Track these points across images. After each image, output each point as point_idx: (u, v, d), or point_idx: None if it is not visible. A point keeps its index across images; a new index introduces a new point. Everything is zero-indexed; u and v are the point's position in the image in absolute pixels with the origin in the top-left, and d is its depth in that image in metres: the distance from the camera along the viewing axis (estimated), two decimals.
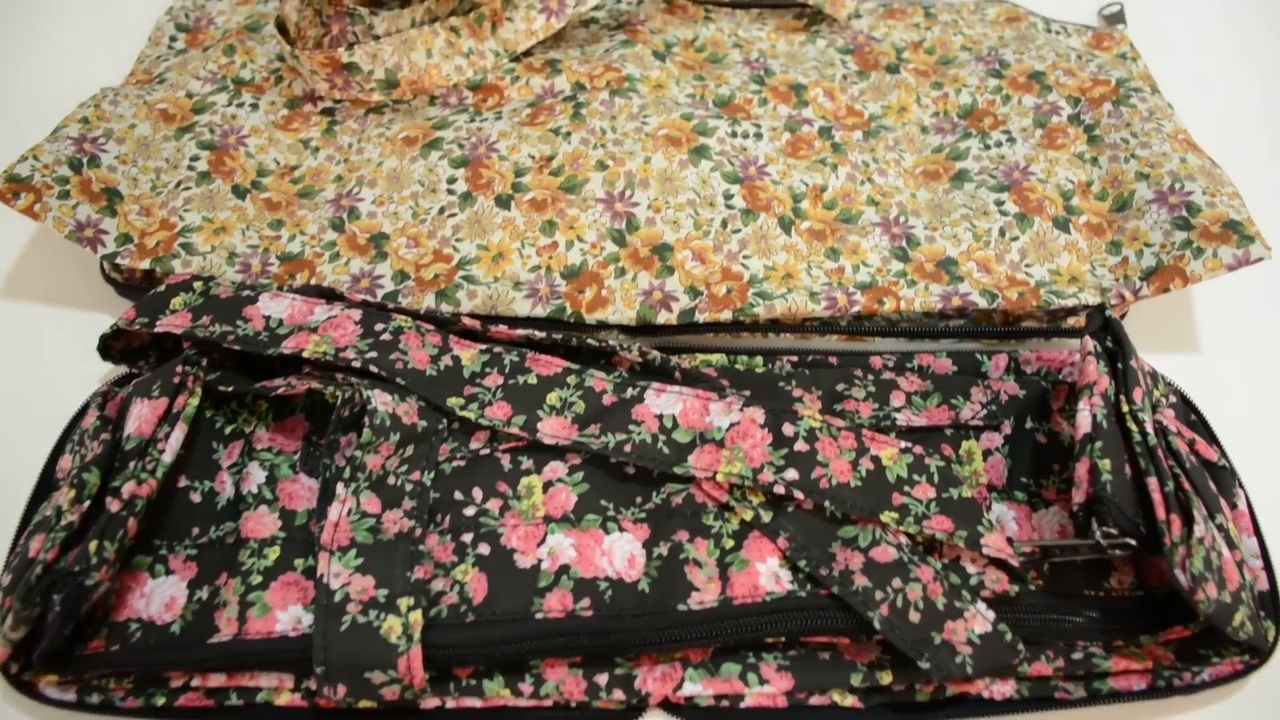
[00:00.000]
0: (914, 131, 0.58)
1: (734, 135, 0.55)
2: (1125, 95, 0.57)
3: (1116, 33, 0.65)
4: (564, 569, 0.42)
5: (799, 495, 0.42)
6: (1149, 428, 0.43)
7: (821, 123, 0.58)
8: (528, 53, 0.60)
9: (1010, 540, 0.43)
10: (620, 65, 0.58)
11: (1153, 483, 0.41)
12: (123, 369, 0.50)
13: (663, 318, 0.49)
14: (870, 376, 0.48)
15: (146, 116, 0.57)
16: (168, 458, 0.43)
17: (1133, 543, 0.41)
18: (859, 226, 0.53)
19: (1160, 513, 0.40)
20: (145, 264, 0.51)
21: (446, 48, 0.58)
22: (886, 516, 0.42)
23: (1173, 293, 0.51)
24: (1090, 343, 0.45)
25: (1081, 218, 0.54)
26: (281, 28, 0.58)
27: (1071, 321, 0.52)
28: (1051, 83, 0.59)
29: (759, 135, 0.56)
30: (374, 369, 0.45)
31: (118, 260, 0.52)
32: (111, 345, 0.49)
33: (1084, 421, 0.43)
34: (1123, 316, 0.53)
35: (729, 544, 0.42)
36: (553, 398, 0.45)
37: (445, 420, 0.46)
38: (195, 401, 0.45)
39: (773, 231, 0.52)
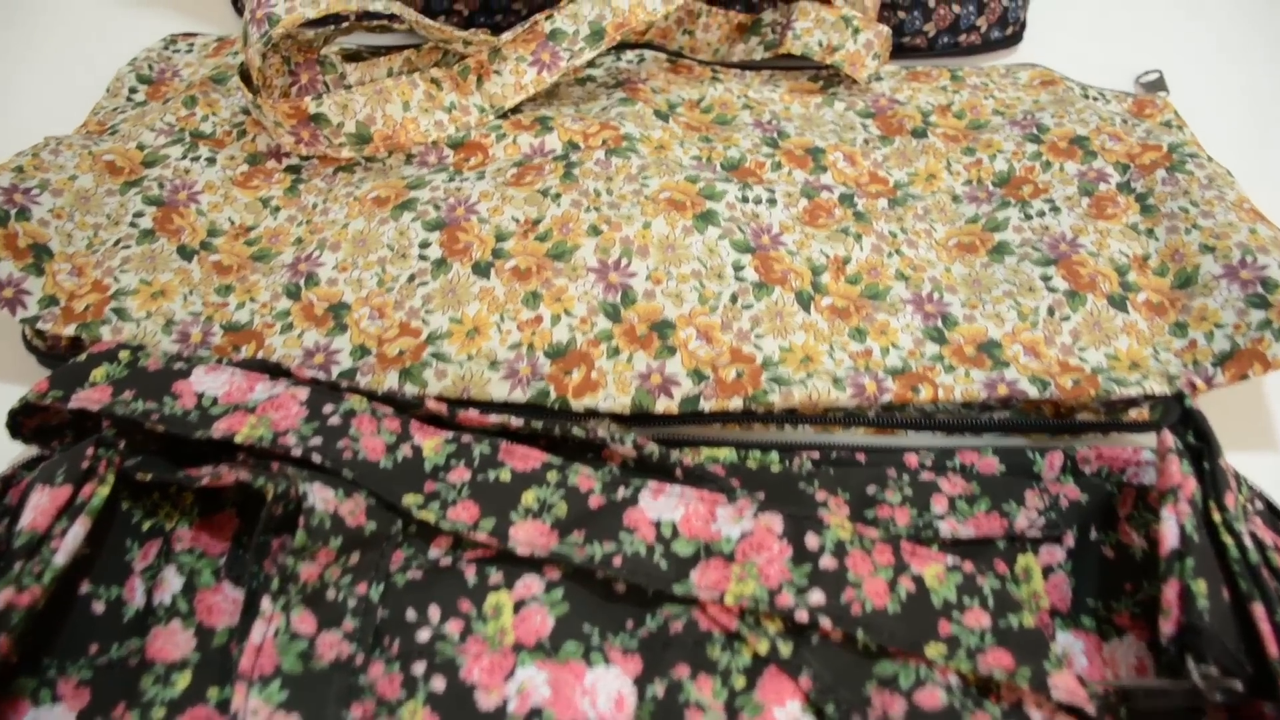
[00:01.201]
0: (945, 200, 0.50)
1: (745, 200, 0.48)
2: (1180, 161, 0.50)
3: (1159, 99, 0.57)
4: (535, 712, 0.33)
5: (825, 623, 0.33)
6: (1247, 541, 0.34)
7: (842, 189, 0.50)
8: (516, 109, 0.53)
9: (1082, 680, 0.34)
10: (618, 123, 0.51)
11: (1259, 610, 0.32)
12: (36, 450, 0.41)
13: (662, 405, 0.41)
14: (906, 477, 0.40)
15: (90, 168, 0.49)
16: (60, 559, 0.34)
17: (1239, 686, 0.32)
18: (888, 303, 0.45)
19: (1272, 648, 0.31)
20: (71, 330, 0.43)
21: (426, 100, 0.51)
22: (932, 650, 0.33)
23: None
24: (1171, 438, 0.37)
25: (1140, 295, 0.45)
26: (245, 75, 0.50)
27: (1134, 414, 0.44)
28: (1096, 148, 0.51)
29: (773, 201, 0.48)
30: (317, 458, 0.37)
31: (40, 325, 0.44)
32: (23, 422, 0.40)
33: (1170, 534, 0.34)
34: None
35: (740, 683, 0.33)
36: (529, 498, 0.37)
37: (400, 522, 0.37)
38: (105, 491, 0.37)
39: (790, 308, 0.44)
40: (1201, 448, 0.38)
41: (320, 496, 0.35)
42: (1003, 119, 0.54)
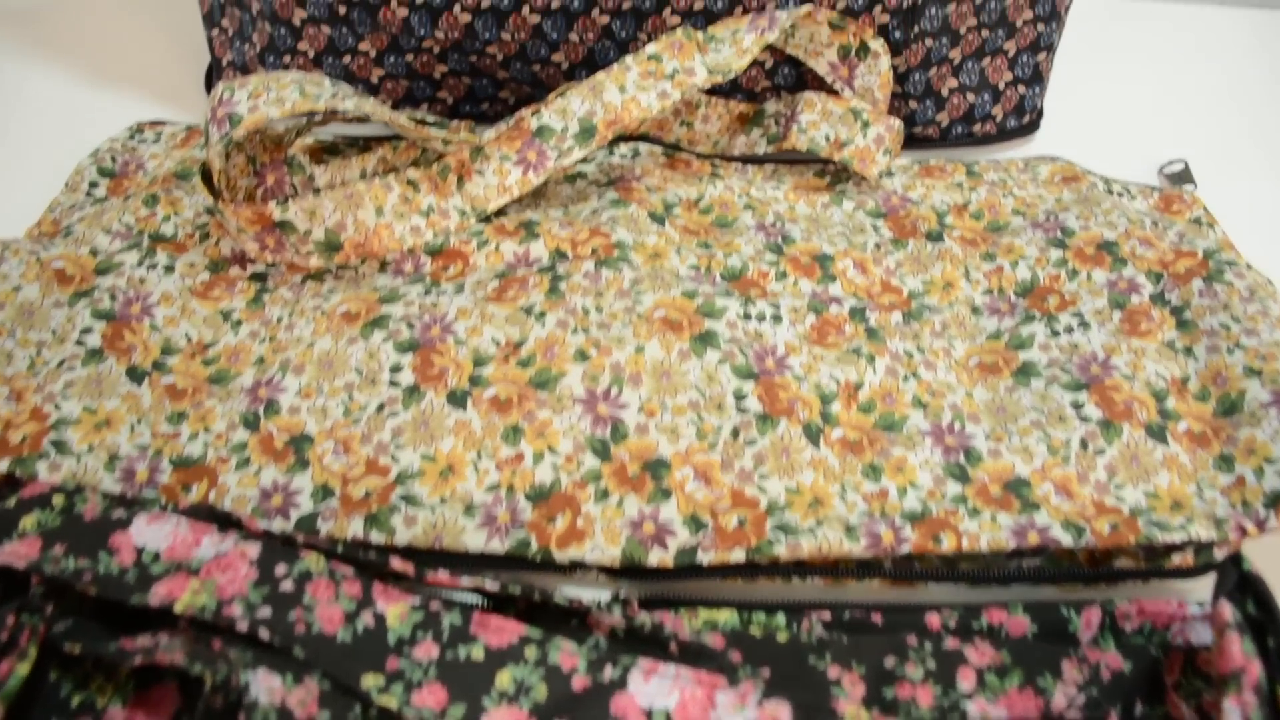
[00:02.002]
0: (964, 313, 0.46)
1: (747, 318, 0.43)
2: (1217, 270, 0.46)
3: (1187, 194, 0.53)
4: None
5: None
6: None
7: (853, 302, 0.46)
8: (500, 212, 0.49)
9: None
10: (610, 229, 0.47)
11: None
12: None
13: (656, 558, 0.37)
14: (928, 645, 0.35)
15: (37, 277, 0.45)
16: None
17: None
18: (904, 435, 0.41)
19: None
20: (3, 466, 0.39)
21: (401, 204, 0.47)
22: None
23: None
24: (1229, 611, 0.33)
25: (1180, 424, 0.41)
26: (207, 176, 0.46)
27: (1177, 560, 0.39)
28: (1126, 254, 0.47)
29: (777, 318, 0.44)
30: (265, 633, 0.32)
31: None
32: None
33: None
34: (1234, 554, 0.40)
35: None
36: (504, 679, 0.32)
37: (358, 708, 0.32)
38: (24, 670, 0.32)
39: (797, 443, 0.40)
40: (1264, 620, 0.33)
41: (265, 686, 0.31)
42: (1024, 220, 0.50)
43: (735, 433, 0.40)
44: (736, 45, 0.48)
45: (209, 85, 0.60)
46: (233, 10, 0.56)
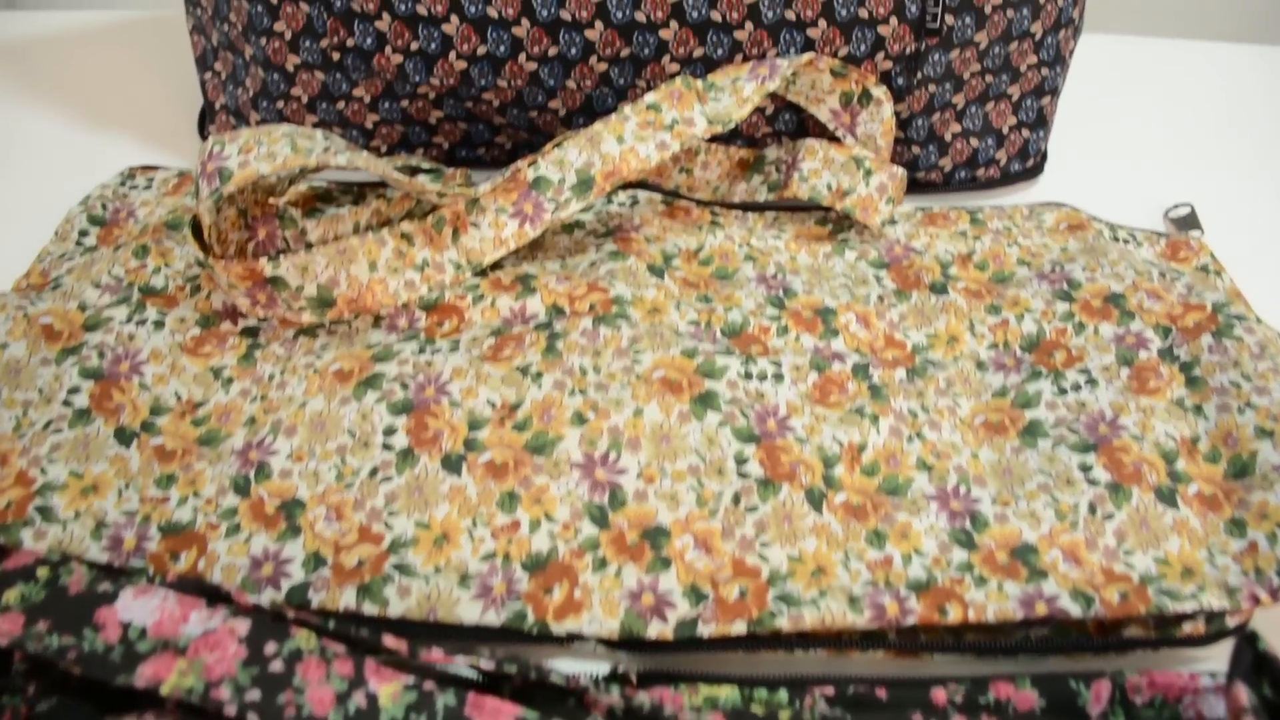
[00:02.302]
0: (969, 368, 0.45)
1: (748, 377, 0.43)
2: (1227, 324, 0.45)
3: (1194, 241, 0.53)
4: None
5: None
6: None
7: (856, 358, 0.45)
8: (496, 265, 0.48)
9: None
10: (608, 284, 0.46)
11: None
12: None
13: (655, 630, 0.36)
14: None
15: (24, 333, 0.44)
16: None
17: None
18: (909, 500, 0.40)
19: None
20: None
21: (395, 259, 0.46)
22: None
23: None
24: (1244, 694, 0.32)
25: (1191, 487, 0.41)
26: (197, 229, 0.46)
27: (1188, 628, 0.38)
28: (1134, 307, 0.47)
29: (779, 376, 0.43)
30: (254, 717, 0.31)
31: None
32: None
33: None
34: (1244, 624, 0.39)
35: None
36: None
37: None
38: None
39: (799, 509, 0.39)
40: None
41: None
42: (1029, 270, 0.50)
43: (736, 499, 0.39)
44: (737, 94, 0.48)
45: (202, 128, 0.60)
46: (225, 55, 0.56)
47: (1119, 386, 0.44)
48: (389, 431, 0.41)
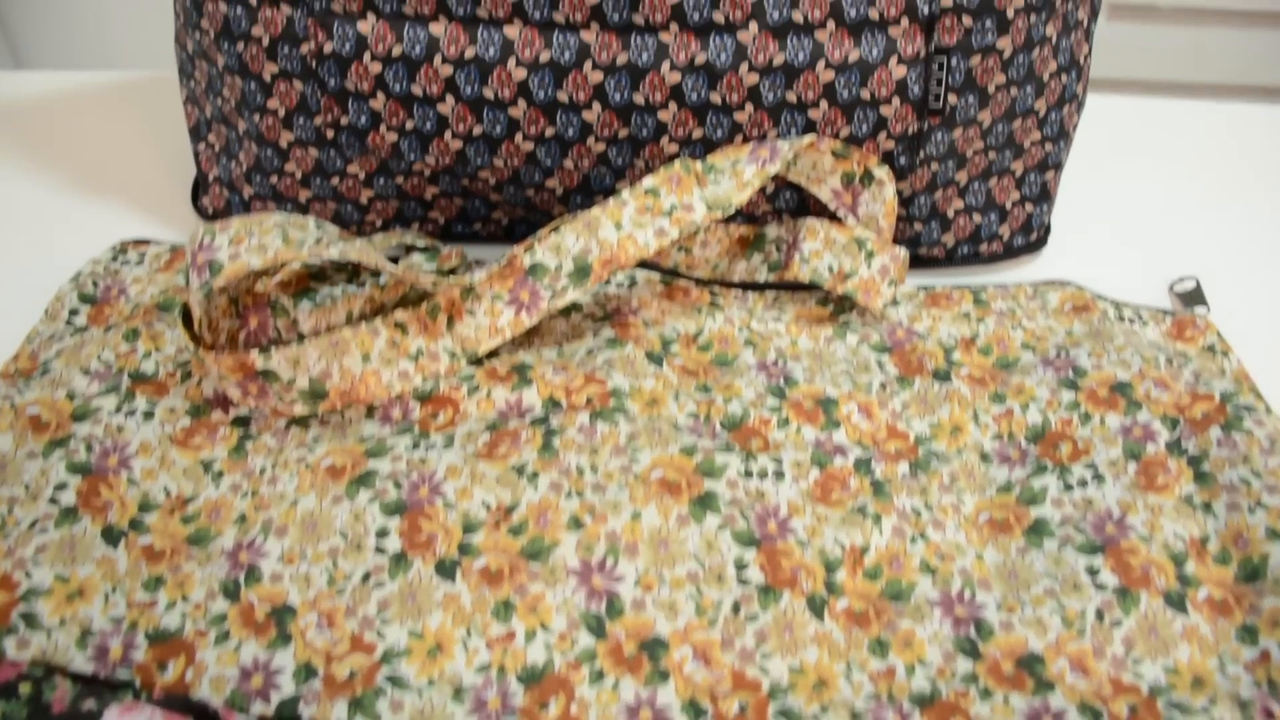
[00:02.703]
0: (973, 461, 0.45)
1: (748, 475, 0.42)
2: (1236, 416, 0.45)
3: (1200, 319, 0.52)
4: None
5: None
6: None
7: (858, 452, 0.44)
8: (492, 353, 0.47)
9: None
10: (605, 375, 0.45)
11: None
12: None
13: None
14: None
15: (10, 426, 0.44)
16: None
17: None
18: (912, 606, 0.39)
19: None
20: None
21: (389, 349, 0.45)
22: None
23: None
24: None
25: (1200, 591, 0.40)
26: (187, 317, 0.45)
27: None
28: (1141, 397, 0.46)
29: (780, 474, 0.43)
30: None
31: None
32: None
33: None
34: None
35: None
36: None
37: None
38: None
39: (800, 617, 0.39)
40: None
41: None
42: (1034, 355, 0.49)
43: (736, 608, 0.39)
44: (737, 178, 0.47)
45: (195, 199, 0.59)
46: (219, 127, 0.55)
47: (1126, 483, 0.43)
48: (382, 534, 0.41)
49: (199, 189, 0.59)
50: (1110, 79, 1.33)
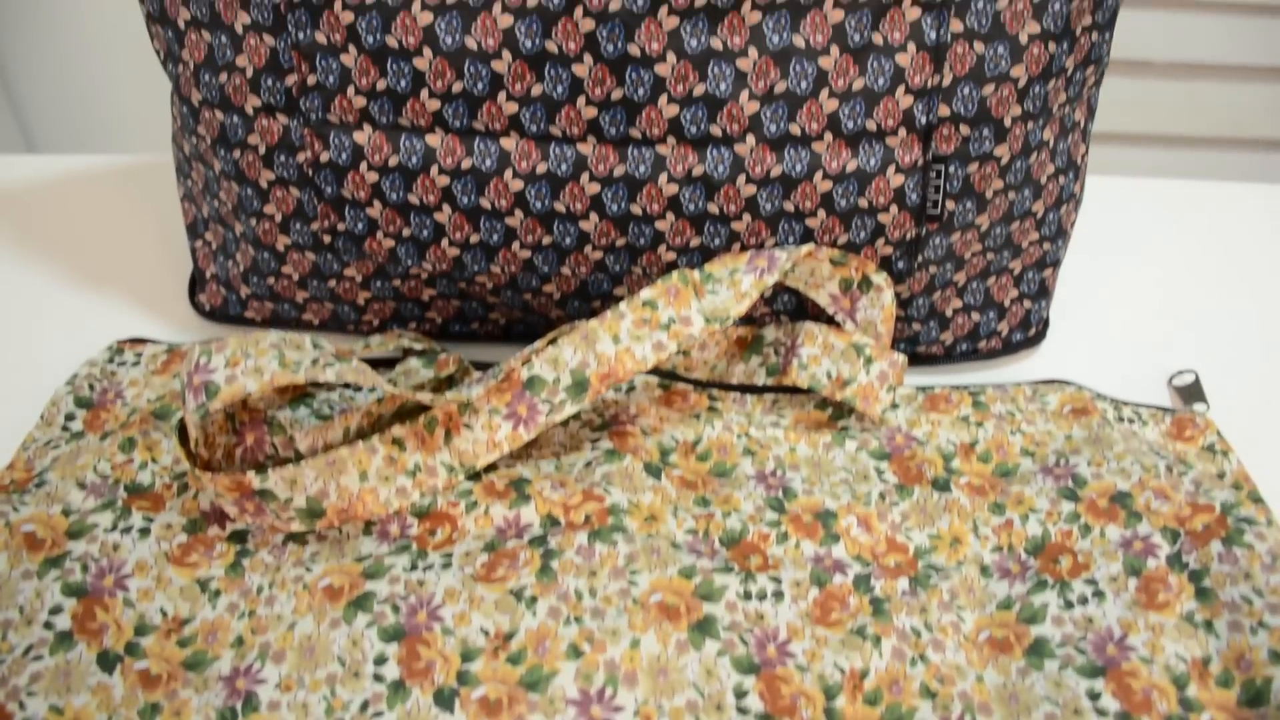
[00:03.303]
0: (973, 575, 0.45)
1: (747, 597, 0.42)
2: (1237, 530, 0.45)
3: (1199, 418, 0.53)
4: None
5: None
6: None
7: (857, 568, 0.44)
8: (491, 465, 0.47)
9: None
10: (604, 492, 0.45)
11: None
12: None
13: None
14: None
15: (5, 545, 0.44)
16: None
17: None
18: None
19: None
20: None
21: (386, 466, 0.45)
22: None
23: None
24: None
25: (1203, 716, 0.40)
26: (183, 434, 0.45)
27: None
28: (1140, 508, 0.46)
29: (779, 594, 0.43)
30: None
31: None
32: None
33: None
34: None
35: None
36: None
37: None
38: None
39: None
40: None
41: None
42: (1033, 462, 0.49)
43: None
44: (735, 288, 0.48)
45: (192, 294, 0.59)
46: (216, 227, 0.55)
47: (1127, 600, 0.43)
48: (380, 660, 0.40)
49: (196, 285, 0.59)
50: (1105, 133, 1.33)
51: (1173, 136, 1.38)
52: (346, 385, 0.53)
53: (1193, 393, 0.56)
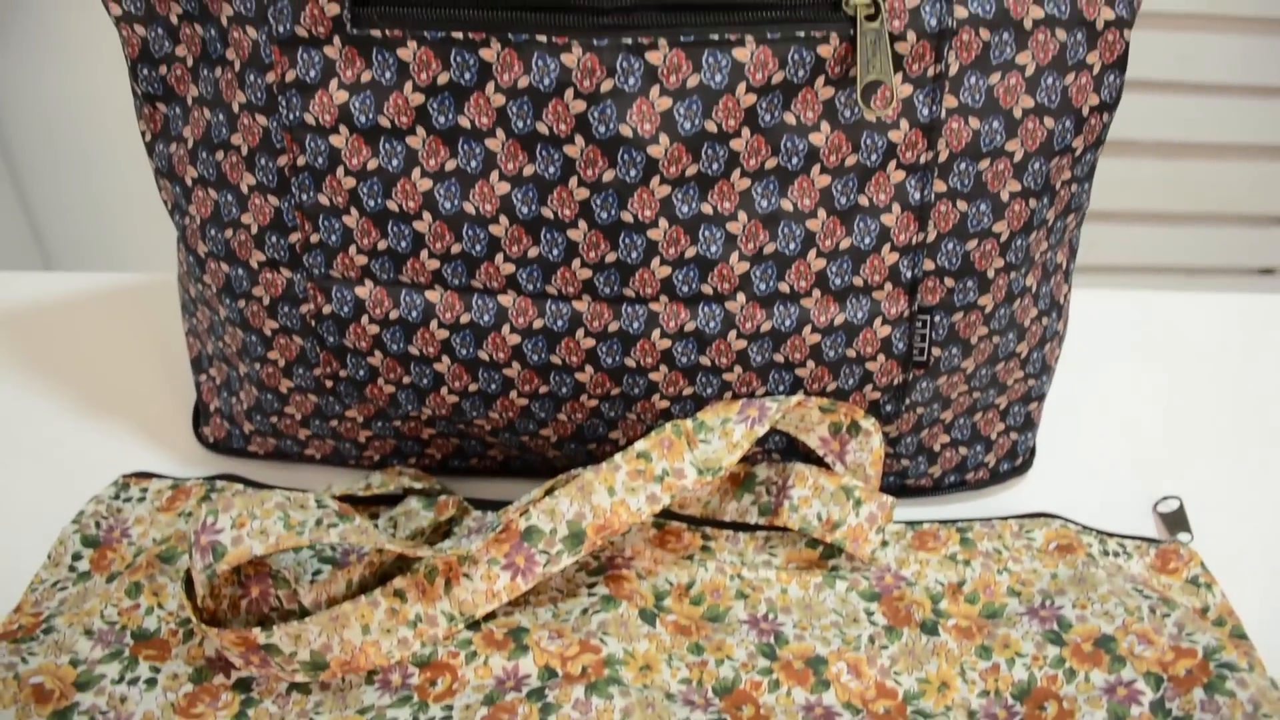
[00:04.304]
0: None
1: None
2: (1219, 677, 0.46)
3: (1183, 549, 0.54)
4: None
5: None
6: None
7: (847, 716, 0.46)
8: (490, 614, 0.48)
9: None
10: (600, 642, 0.47)
11: None
12: None
13: None
14: None
15: (14, 699, 0.45)
16: None
17: None
18: None
19: None
20: None
21: (388, 619, 0.47)
22: None
23: None
24: None
25: None
26: (189, 585, 0.46)
27: None
28: (1124, 652, 0.48)
29: None
30: None
31: None
32: None
33: None
34: None
35: None
36: None
37: None
38: None
39: None
40: None
41: None
42: (1019, 603, 0.51)
43: None
44: (727, 438, 0.49)
45: (196, 426, 0.61)
46: (220, 365, 0.57)
47: None
48: None
49: (200, 416, 0.60)
50: (1090, 210, 1.36)
51: (1159, 214, 1.41)
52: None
53: (1177, 519, 0.58)
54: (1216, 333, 0.75)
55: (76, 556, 0.54)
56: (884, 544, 0.54)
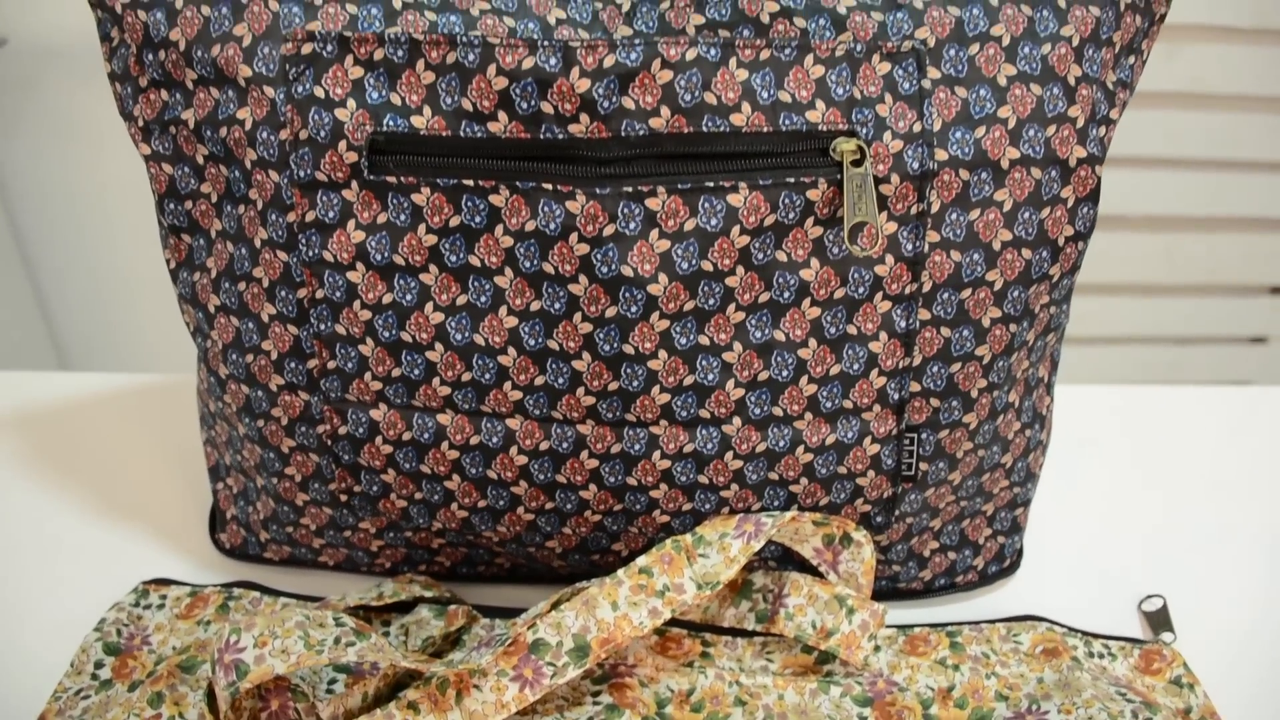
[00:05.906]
0: None
1: None
2: None
3: (1167, 650, 0.57)
4: None
5: None
6: None
7: None
8: None
9: None
10: None
11: None
12: None
13: None
14: None
15: None
16: None
17: None
18: None
19: None
20: None
21: None
22: None
23: None
24: None
25: None
26: (211, 699, 0.49)
27: None
28: None
29: None
30: None
31: None
32: None
33: None
34: None
35: None
36: None
37: None
38: None
39: None
40: None
41: None
42: (1007, 707, 0.53)
43: None
44: (724, 553, 0.52)
45: (213, 530, 0.64)
46: (237, 475, 0.60)
47: None
48: None
49: (216, 521, 0.63)
50: (1082, 283, 1.39)
51: (1151, 286, 1.44)
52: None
53: (1160, 618, 0.60)
54: (1198, 428, 0.78)
55: (99, 665, 0.56)
56: (876, 649, 0.57)
